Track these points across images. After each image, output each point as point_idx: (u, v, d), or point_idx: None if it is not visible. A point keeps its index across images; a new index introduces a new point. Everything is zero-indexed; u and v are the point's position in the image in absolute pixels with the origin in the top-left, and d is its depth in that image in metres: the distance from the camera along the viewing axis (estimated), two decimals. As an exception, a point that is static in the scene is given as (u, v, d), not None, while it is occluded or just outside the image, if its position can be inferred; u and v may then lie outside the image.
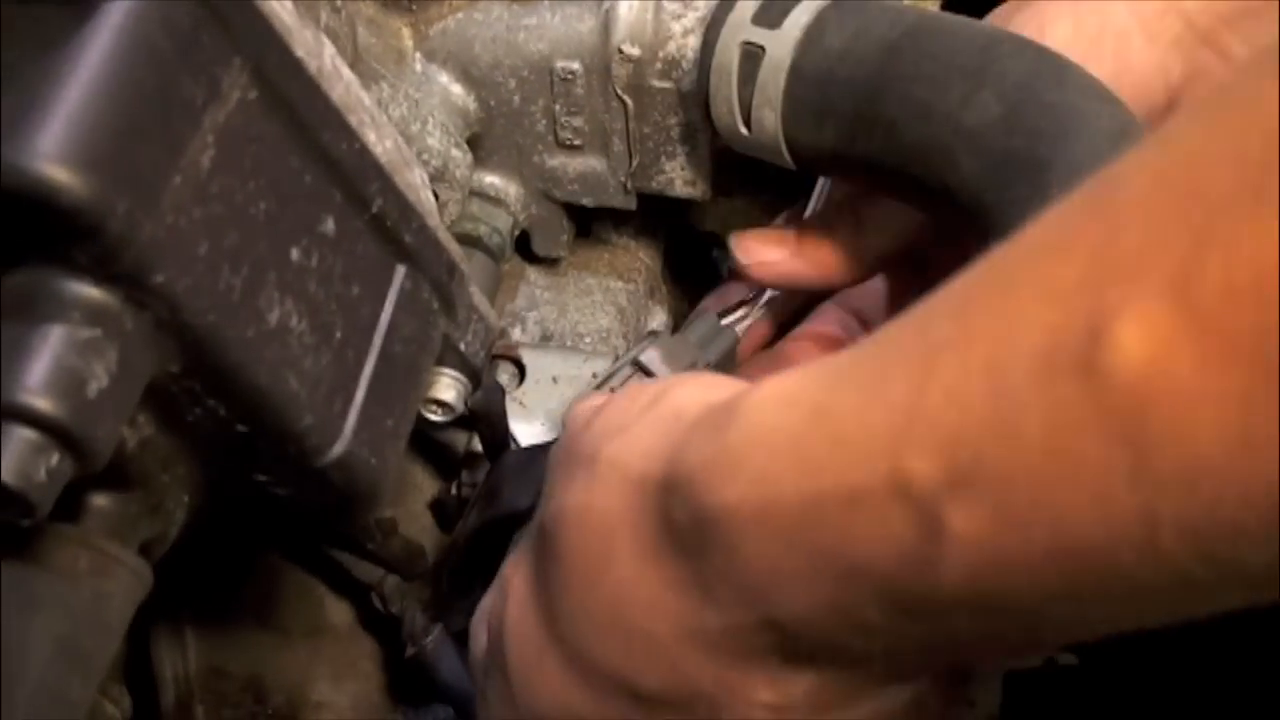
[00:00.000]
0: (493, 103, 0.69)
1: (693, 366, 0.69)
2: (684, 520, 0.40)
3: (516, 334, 0.78)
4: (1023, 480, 0.29)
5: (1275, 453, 0.25)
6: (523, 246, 0.77)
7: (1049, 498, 0.29)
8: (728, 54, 0.62)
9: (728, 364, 0.71)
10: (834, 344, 0.74)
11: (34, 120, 0.40)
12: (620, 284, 0.80)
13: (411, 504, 0.77)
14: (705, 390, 0.44)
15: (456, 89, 0.68)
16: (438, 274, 0.53)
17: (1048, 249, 0.31)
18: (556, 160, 0.71)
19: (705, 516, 0.38)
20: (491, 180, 0.72)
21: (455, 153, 0.65)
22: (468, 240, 0.70)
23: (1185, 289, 0.26)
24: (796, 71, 0.60)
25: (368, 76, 0.62)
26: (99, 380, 0.41)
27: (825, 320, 0.73)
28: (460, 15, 0.68)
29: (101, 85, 0.41)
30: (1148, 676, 0.93)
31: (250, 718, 0.78)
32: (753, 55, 0.61)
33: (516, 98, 0.69)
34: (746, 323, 0.72)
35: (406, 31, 0.68)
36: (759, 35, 0.61)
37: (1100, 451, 0.27)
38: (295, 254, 0.47)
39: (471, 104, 0.69)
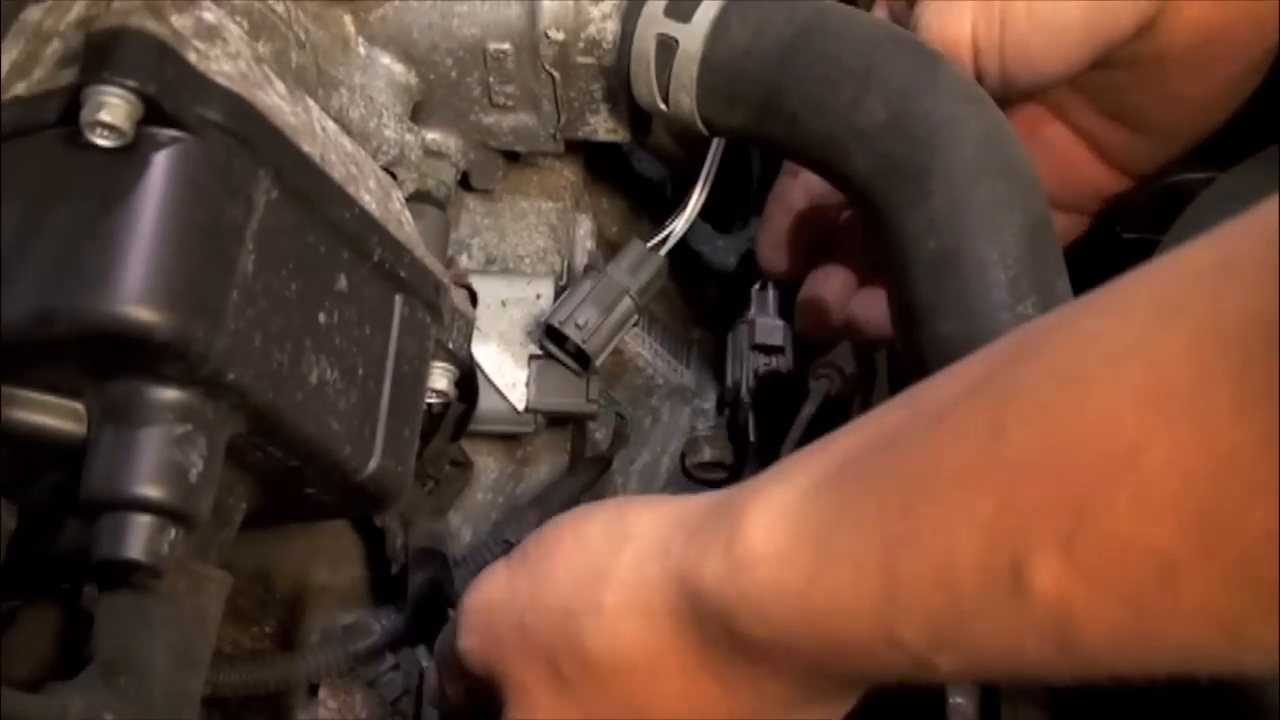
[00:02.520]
0: (432, 77, 0.77)
1: (625, 293, 0.80)
2: (722, 644, 0.48)
3: (463, 260, 0.88)
4: (986, 649, 0.42)
5: (1146, 645, 0.38)
6: (461, 180, 0.86)
7: (1005, 658, 0.41)
8: (645, 43, 0.71)
9: (655, 285, 0.82)
10: None
11: (116, 269, 0.49)
12: (550, 204, 0.89)
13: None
14: (662, 514, 0.52)
15: (399, 68, 0.76)
16: (428, 294, 0.63)
17: (967, 476, 0.41)
18: (492, 118, 0.80)
19: (739, 648, 0.48)
20: (434, 136, 0.81)
21: (409, 138, 0.74)
22: (419, 196, 0.79)
23: (1070, 550, 0.37)
24: (707, 62, 0.69)
25: (328, 86, 0.70)
26: (196, 466, 0.51)
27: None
28: (397, 3, 0.75)
29: (165, 229, 0.49)
30: None
31: (261, 604, 0.90)
32: (667, 45, 0.70)
33: (454, 73, 0.77)
34: (669, 245, 0.82)
35: (348, 19, 0.75)
36: (672, 28, 0.70)
37: (1035, 640, 0.40)
38: (322, 317, 0.56)
39: (413, 79, 0.76)
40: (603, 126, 0.79)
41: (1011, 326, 0.57)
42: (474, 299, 0.84)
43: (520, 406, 0.83)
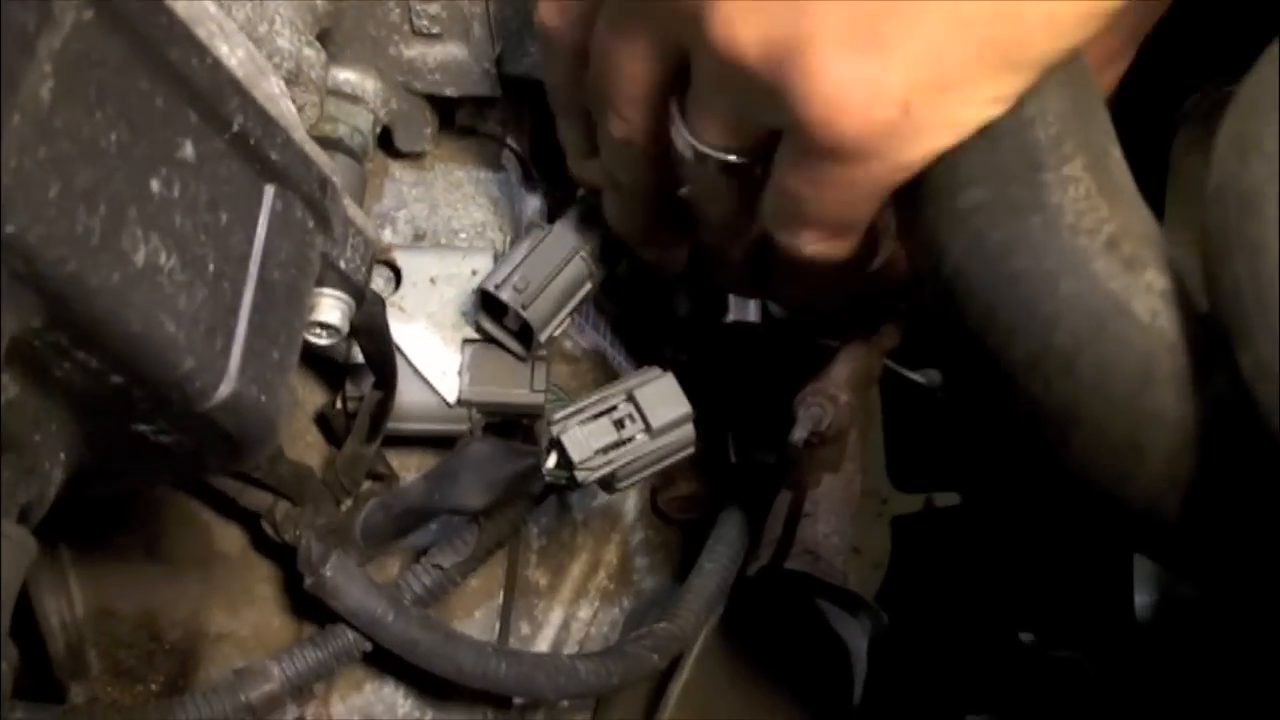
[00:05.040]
0: (341, -7, 0.65)
1: (575, 253, 0.67)
2: None
3: (388, 235, 0.75)
4: None
5: None
6: (385, 142, 0.74)
7: None
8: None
9: (615, 253, 0.69)
10: None
11: None
12: (490, 174, 0.77)
13: (294, 421, 0.74)
14: None
15: (301, -19, 0.64)
16: (309, 190, 0.50)
17: None
18: (414, 50, 0.67)
19: None
20: (347, 76, 0.68)
21: (308, 52, 0.61)
22: (328, 143, 0.66)
23: None
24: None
25: (205, -24, 0.57)
26: (-44, 348, 0.37)
27: None
28: (297, -101, 0.63)
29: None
30: (1015, 531, 0.96)
31: (148, 657, 0.76)
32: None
33: (367, -14, 0.65)
34: None
35: (239, -79, 0.63)
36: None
37: None
38: (155, 185, 0.43)
39: (319, -3, 0.64)
40: (546, 58, 0.67)
41: (1055, 190, 0.44)
42: (398, 277, 0.71)
43: (451, 398, 0.69)
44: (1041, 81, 0.46)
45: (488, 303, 0.67)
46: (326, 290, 0.53)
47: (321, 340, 0.54)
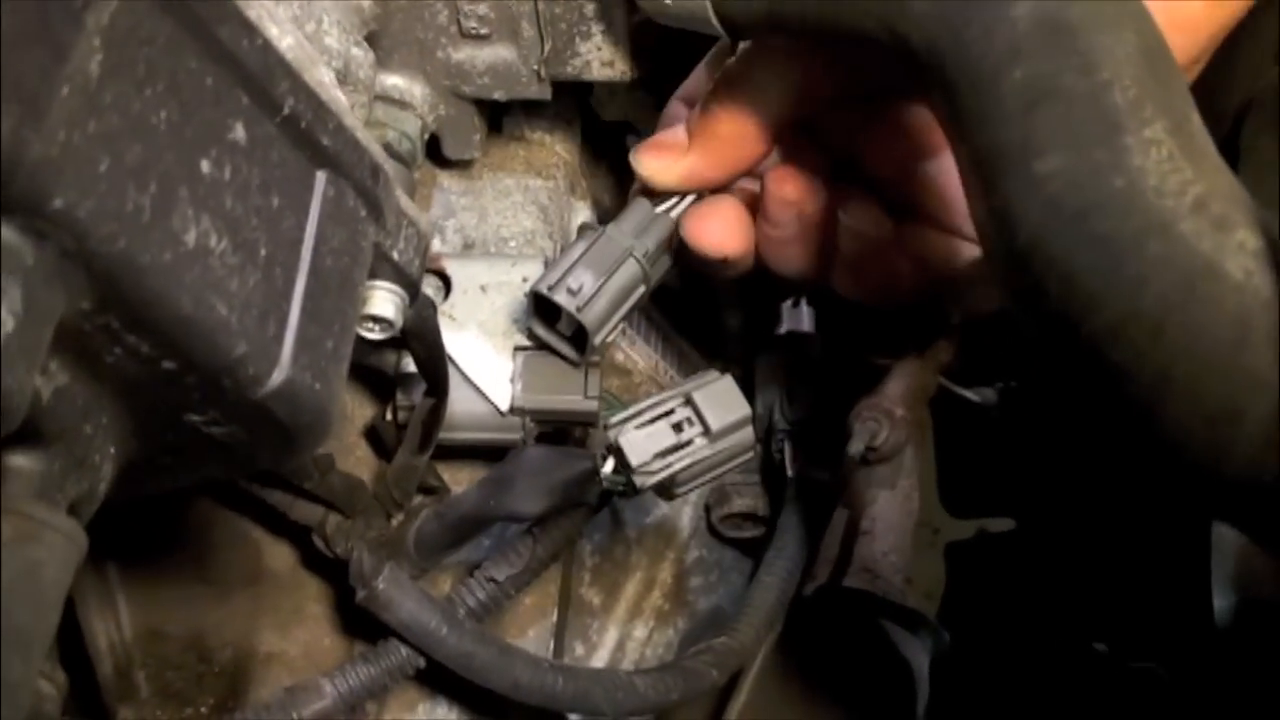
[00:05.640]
0: (388, -4, 0.64)
1: (628, 254, 0.66)
2: None
3: (437, 244, 0.74)
4: None
5: None
6: (432, 150, 0.73)
7: None
8: (643, -82, 0.58)
9: (663, 250, 0.68)
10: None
11: (-109, 32, 0.34)
12: (539, 182, 0.75)
13: (344, 434, 0.72)
14: None
15: (347, -17, 0.63)
16: (361, 178, 0.48)
17: None
18: (463, 53, 0.66)
19: None
20: (394, 81, 0.67)
21: (356, 51, 0.60)
22: (376, 148, 0.65)
23: None
24: (720, -70, 0.56)
25: (252, -26, 0.57)
26: (4, 325, 0.36)
27: None
28: (343, -99, 0.62)
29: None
30: (1080, 547, 0.93)
31: (197, 679, 0.74)
32: (670, -83, 0.57)
33: (414, -12, 0.64)
34: (680, 208, 0.68)
35: (285, -75, 0.62)
36: (675, -106, 0.57)
37: None
38: (206, 166, 0.42)
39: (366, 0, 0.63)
40: (597, 58, 0.66)
41: (1137, 153, 0.42)
42: (448, 285, 0.70)
43: (504, 406, 0.67)
44: (1114, 45, 0.44)
45: (540, 306, 0.66)
46: (380, 283, 0.51)
47: (374, 334, 0.52)
